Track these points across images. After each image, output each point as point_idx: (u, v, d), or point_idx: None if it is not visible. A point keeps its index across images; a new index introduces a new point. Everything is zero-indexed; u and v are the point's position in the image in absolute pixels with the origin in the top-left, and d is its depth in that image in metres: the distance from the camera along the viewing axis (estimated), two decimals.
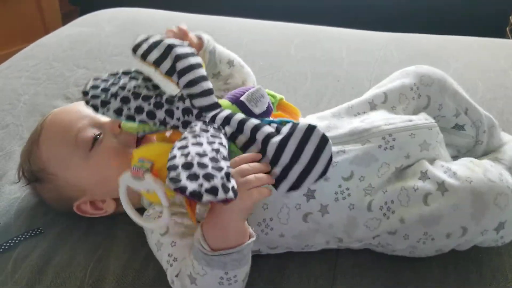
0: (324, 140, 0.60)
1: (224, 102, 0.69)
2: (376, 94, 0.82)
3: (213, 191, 0.53)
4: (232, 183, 0.55)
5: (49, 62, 1.29)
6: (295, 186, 0.60)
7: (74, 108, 0.83)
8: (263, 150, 0.62)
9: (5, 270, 0.74)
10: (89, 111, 0.79)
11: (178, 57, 0.67)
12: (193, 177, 0.53)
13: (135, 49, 0.69)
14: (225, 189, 0.54)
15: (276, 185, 0.61)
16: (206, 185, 0.53)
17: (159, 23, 1.49)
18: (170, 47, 0.68)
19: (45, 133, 0.79)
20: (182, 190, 0.52)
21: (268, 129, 0.63)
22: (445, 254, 0.72)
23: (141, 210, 0.78)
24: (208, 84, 0.67)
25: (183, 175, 0.53)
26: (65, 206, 0.79)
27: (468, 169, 0.70)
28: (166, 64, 0.67)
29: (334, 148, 0.70)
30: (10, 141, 1.00)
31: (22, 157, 0.82)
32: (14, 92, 1.16)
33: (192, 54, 0.69)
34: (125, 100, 0.67)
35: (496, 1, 2.07)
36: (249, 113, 0.68)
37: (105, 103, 0.67)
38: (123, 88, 0.68)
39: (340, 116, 0.80)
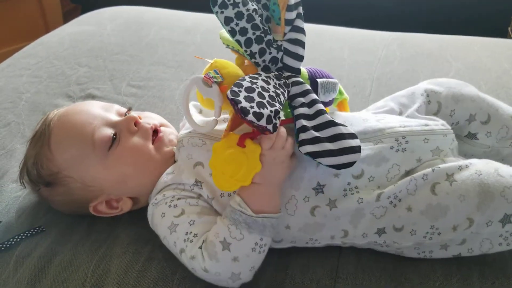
0: (358, 148, 0.67)
1: (303, 71, 0.78)
2: (392, 107, 0.85)
3: (258, 116, 0.62)
4: (276, 121, 0.64)
5: (50, 60, 1.29)
6: (315, 155, 0.66)
7: (82, 108, 0.80)
8: (311, 117, 0.70)
9: (7, 269, 0.73)
10: (98, 110, 0.80)
11: (300, 16, 0.75)
12: (249, 99, 0.63)
13: None
14: (268, 120, 0.63)
15: (301, 144, 0.67)
16: (256, 109, 0.62)
17: (161, 21, 1.50)
18: (300, 3, 0.75)
19: (56, 136, 0.77)
20: (236, 102, 0.62)
21: (323, 107, 0.72)
22: None
23: (142, 210, 0.78)
24: (303, 52, 0.75)
25: (243, 93, 0.63)
26: (76, 208, 0.78)
27: (482, 164, 0.70)
28: (292, 14, 0.74)
29: None
30: (11, 139, 1.00)
31: (29, 161, 0.78)
32: (16, 90, 1.16)
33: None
34: (239, 16, 0.70)
35: (498, 1, 2.06)
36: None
37: (224, 5, 0.69)
38: (245, 3, 0.70)
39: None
